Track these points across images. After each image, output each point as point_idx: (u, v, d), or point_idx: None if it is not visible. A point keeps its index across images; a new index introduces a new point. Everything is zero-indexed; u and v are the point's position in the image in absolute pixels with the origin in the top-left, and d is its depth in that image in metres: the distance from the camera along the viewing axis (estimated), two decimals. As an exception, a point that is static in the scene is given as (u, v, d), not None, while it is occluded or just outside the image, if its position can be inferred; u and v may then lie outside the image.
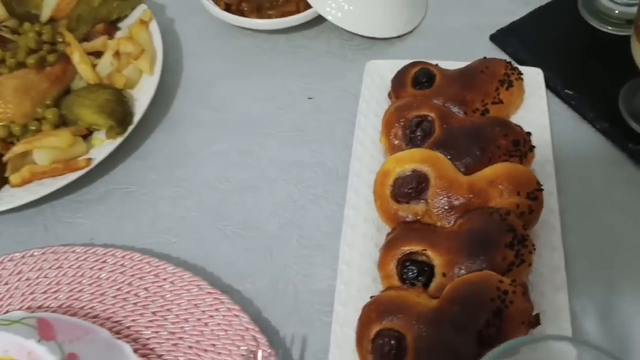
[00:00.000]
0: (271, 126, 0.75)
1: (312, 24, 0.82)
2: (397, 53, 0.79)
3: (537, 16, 0.81)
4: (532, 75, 0.71)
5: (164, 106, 0.77)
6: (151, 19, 0.78)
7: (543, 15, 0.81)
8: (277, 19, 0.80)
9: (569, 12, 0.80)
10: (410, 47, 0.80)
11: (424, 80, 0.69)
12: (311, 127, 0.74)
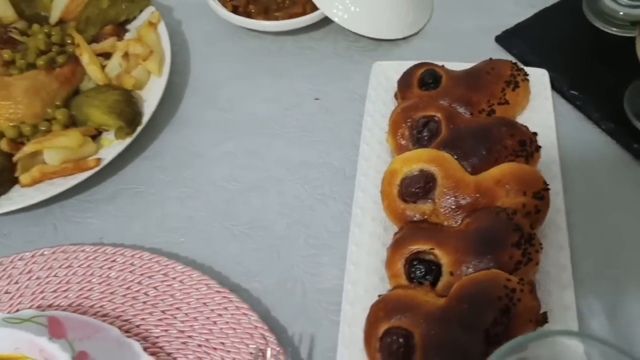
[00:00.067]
0: (278, 127, 0.75)
1: (319, 25, 0.83)
2: (403, 54, 0.80)
3: (542, 18, 0.81)
4: (537, 76, 0.71)
5: (172, 107, 0.77)
6: (159, 20, 0.78)
7: (548, 17, 0.81)
8: (284, 20, 0.80)
9: (573, 13, 0.81)
10: (416, 49, 0.81)
11: (430, 81, 0.69)
12: (318, 128, 0.74)
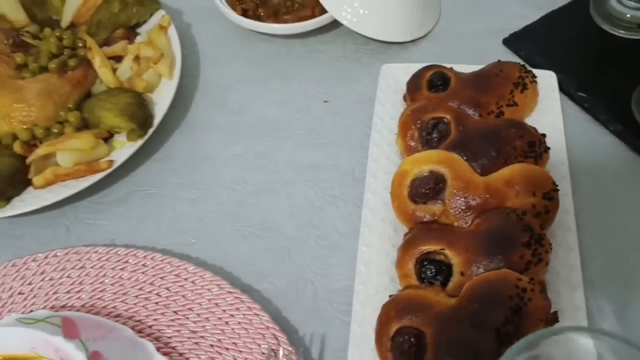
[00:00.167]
0: (287, 129, 0.75)
1: (328, 28, 0.83)
2: (411, 57, 0.80)
3: (550, 20, 0.81)
4: (545, 78, 0.72)
5: (182, 110, 0.78)
6: (170, 24, 0.79)
7: (555, 20, 0.81)
8: (293, 23, 0.80)
9: (580, 16, 0.81)
10: (424, 51, 0.81)
11: (439, 83, 0.70)
12: (327, 130, 0.75)
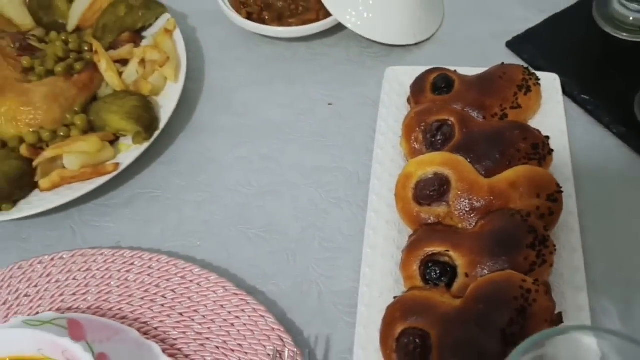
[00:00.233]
0: (292, 132, 0.76)
1: (332, 31, 0.83)
2: (415, 60, 0.81)
3: (553, 23, 0.82)
4: (549, 80, 0.72)
5: (188, 113, 0.78)
6: (175, 27, 0.79)
7: (558, 23, 0.82)
8: (297, 27, 0.81)
9: (583, 19, 0.81)
10: (428, 54, 0.82)
11: (443, 86, 0.70)
12: (331, 133, 0.75)
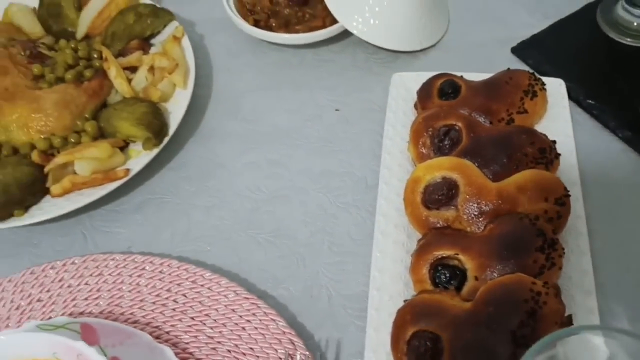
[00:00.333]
0: (300, 137, 0.76)
1: (338, 38, 0.84)
2: (421, 66, 0.81)
3: (557, 29, 0.82)
4: (554, 85, 0.73)
5: (196, 119, 0.79)
6: (183, 35, 0.80)
7: (563, 28, 0.82)
8: (304, 33, 0.81)
9: (587, 24, 0.82)
10: (434, 60, 0.82)
11: (449, 91, 0.71)
12: (339, 138, 0.76)
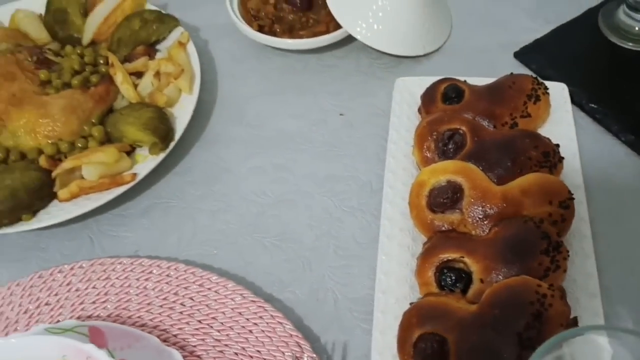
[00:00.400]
0: (304, 142, 0.77)
1: (342, 43, 0.85)
2: (425, 70, 0.82)
3: (559, 34, 0.83)
4: (557, 90, 0.73)
5: (202, 124, 0.80)
6: (189, 40, 0.80)
7: (565, 33, 0.83)
8: (308, 39, 0.82)
9: (589, 29, 0.83)
10: (437, 65, 0.83)
11: (453, 96, 0.71)
12: (343, 143, 0.76)
